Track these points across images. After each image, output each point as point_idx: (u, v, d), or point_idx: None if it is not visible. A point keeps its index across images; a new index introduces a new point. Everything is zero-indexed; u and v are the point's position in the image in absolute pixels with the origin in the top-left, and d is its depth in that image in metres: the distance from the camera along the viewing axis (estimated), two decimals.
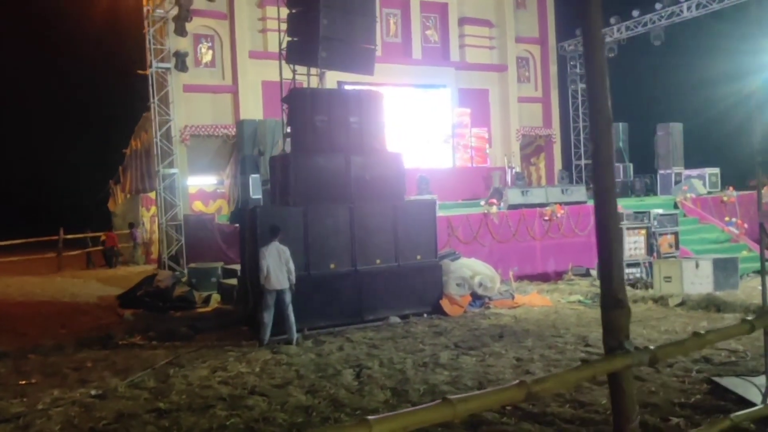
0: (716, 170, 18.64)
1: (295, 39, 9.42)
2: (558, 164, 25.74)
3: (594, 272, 11.47)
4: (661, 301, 9.64)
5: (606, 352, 2.80)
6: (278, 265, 8.07)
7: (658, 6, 21.55)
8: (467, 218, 12.32)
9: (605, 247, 2.82)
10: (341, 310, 9.18)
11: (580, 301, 10.34)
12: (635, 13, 22.30)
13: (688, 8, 20.75)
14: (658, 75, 23.72)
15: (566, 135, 25.98)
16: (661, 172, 19.97)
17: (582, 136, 25.66)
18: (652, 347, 3.02)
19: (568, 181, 20.72)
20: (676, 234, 11.47)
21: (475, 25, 23.62)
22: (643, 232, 11.11)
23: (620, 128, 22.51)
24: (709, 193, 17.03)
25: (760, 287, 11.09)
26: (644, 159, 21.77)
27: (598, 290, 9.32)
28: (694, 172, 18.85)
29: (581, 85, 25.48)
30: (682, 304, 9.27)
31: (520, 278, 12.18)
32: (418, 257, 9.88)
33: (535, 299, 10.59)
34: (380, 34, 21.61)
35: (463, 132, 22.28)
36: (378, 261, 9.49)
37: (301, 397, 5.98)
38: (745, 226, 13.75)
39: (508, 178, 21.81)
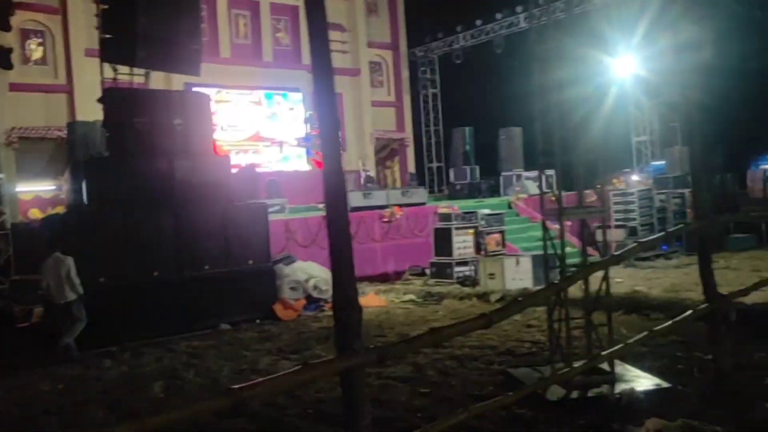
0: (551, 172, 19.82)
1: (111, 36, 8.99)
2: (411, 167, 26.41)
3: (428, 271, 11.84)
4: (484, 297, 10.10)
5: (336, 352, 2.84)
6: (57, 278, 7.68)
7: (498, 16, 22.69)
8: (306, 221, 12.31)
9: (336, 247, 2.86)
10: (166, 319, 8.83)
11: (412, 301, 10.62)
12: (478, 22, 23.35)
13: (525, 19, 21.99)
14: (500, 81, 24.88)
15: (419, 138, 26.71)
16: (504, 173, 20.97)
17: (433, 139, 26.48)
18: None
19: (417, 184, 21.27)
20: (502, 232, 12.08)
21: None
22: (472, 231, 11.62)
23: (467, 132, 23.49)
24: (545, 193, 18.11)
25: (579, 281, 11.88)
26: (491, 161, 22.80)
27: (430, 288, 9.60)
28: (533, 173, 19.98)
29: (432, 90, 26.30)
30: (501, 299, 9.76)
31: (359, 279, 12.27)
32: (251, 262, 9.74)
33: (370, 300, 10.73)
34: (229, 36, 21.24)
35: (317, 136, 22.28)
36: (207, 267, 9.25)
37: (98, 414, 5.67)
38: (569, 223, 14.68)
39: (362, 182, 22.14)
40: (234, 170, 19.01)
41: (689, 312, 5.59)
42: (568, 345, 5.75)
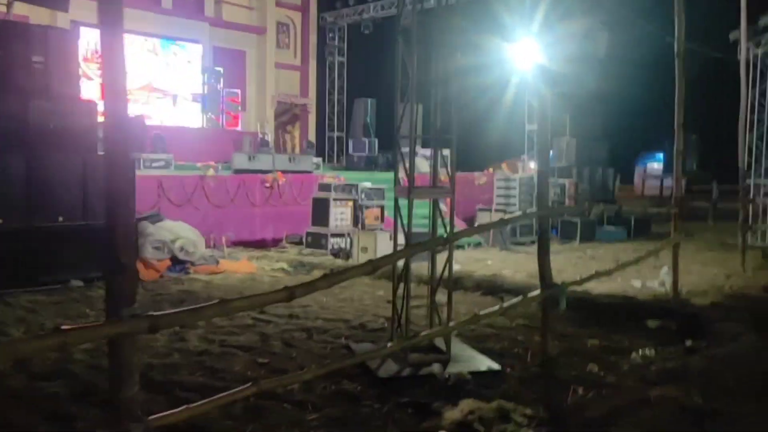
0: (446, 151, 20.03)
1: None
2: (312, 134, 26.09)
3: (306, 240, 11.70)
4: None
5: (106, 318, 2.65)
6: None
7: None
8: (181, 180, 11.86)
9: (111, 207, 2.64)
10: (11, 271, 8.27)
11: (282, 269, 10.47)
12: None
13: None
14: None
15: (322, 106, 26.37)
16: (404, 149, 20.97)
17: (336, 108, 26.20)
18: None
19: (314, 152, 21.03)
20: (381, 207, 12.09)
21: None
22: (350, 204, 11.55)
23: (368, 104, 23.36)
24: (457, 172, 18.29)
25: (458, 261, 12.03)
26: (391, 135, 22.76)
27: (303, 258, 9.42)
28: (428, 151, 20.10)
29: (339, 58, 25.94)
30: (370, 273, 9.75)
31: (235, 244, 12.04)
32: None
33: (240, 266, 10.51)
34: None
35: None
36: (61, 218, 8.70)
37: None
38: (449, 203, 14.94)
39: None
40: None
41: (520, 297, 5.72)
42: (407, 322, 5.78)
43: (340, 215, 11.38)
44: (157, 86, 20.56)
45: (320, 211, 11.49)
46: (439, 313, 6.02)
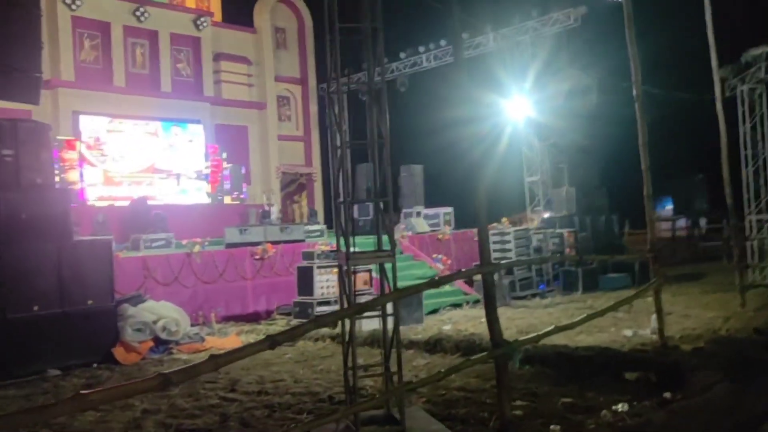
0: (450, 209, 19.94)
1: None
2: (319, 202, 26.27)
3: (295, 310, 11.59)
4: (337, 338, 9.89)
5: None
6: None
7: (402, 55, 23.00)
8: (167, 259, 11.90)
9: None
10: None
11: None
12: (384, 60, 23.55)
13: (427, 59, 22.38)
14: (404, 119, 25.15)
15: (327, 173, 26.60)
16: (405, 210, 20.99)
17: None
18: None
19: (316, 220, 21.10)
20: (370, 271, 11.96)
21: (231, 62, 23.51)
22: (336, 270, 11.43)
23: (369, 168, 23.52)
24: (433, 231, 18.15)
25: (454, 320, 11.81)
26: (394, 199, 22.85)
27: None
28: (431, 211, 20.05)
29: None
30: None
31: (226, 319, 11.96)
32: (90, 302, 9.26)
33: (226, 342, 10.38)
34: (125, 65, 20.76)
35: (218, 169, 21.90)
36: (36, 307, 8.73)
37: None
38: (449, 262, 14.80)
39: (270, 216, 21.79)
40: (125, 202, 18.75)
41: (474, 357, 5.52)
42: (355, 391, 5.59)
43: (325, 282, 11.27)
44: (159, 167, 20.93)
45: (304, 279, 11.40)
46: (388, 380, 5.80)
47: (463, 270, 11.10)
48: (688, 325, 9.80)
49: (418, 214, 19.18)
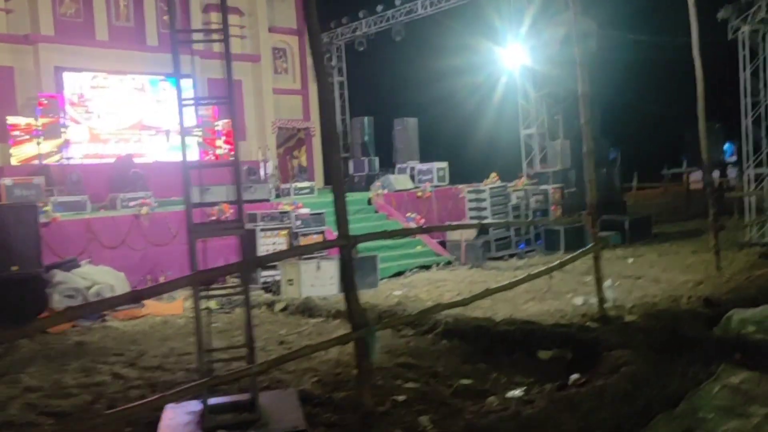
0: (444, 164, 19.15)
1: None
2: (317, 157, 25.65)
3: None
4: (272, 306, 9.44)
5: None
6: None
7: (397, 2, 21.92)
8: (114, 220, 11.50)
9: None
10: None
11: (209, 309, 9.87)
12: (379, 8, 22.54)
13: (423, 6, 21.27)
14: (399, 70, 24.24)
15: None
16: (399, 166, 20.28)
17: (340, 129, 25.69)
18: None
19: (305, 177, 20.55)
20: (323, 233, 11.41)
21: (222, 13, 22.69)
22: (284, 233, 10.93)
23: (365, 122, 22.77)
24: (436, 187, 17.46)
25: (413, 284, 11.24)
26: (389, 153, 22.16)
27: (238, 294, 8.77)
28: (425, 166, 19.29)
29: (337, 78, 25.49)
30: (285, 309, 9.10)
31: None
32: (14, 268, 8.92)
33: (166, 308, 10.02)
34: (107, 18, 20.18)
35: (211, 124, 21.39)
36: None
37: None
38: (422, 221, 14.13)
39: (262, 173, 21.30)
40: (111, 160, 18.43)
41: (332, 338, 4.96)
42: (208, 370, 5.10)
43: (271, 246, 10.77)
44: (148, 123, 20.49)
45: (249, 243, 10.91)
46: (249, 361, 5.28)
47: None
48: (651, 292, 9.07)
49: (401, 170, 18.47)
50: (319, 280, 9.85)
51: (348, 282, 4.82)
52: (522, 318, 7.76)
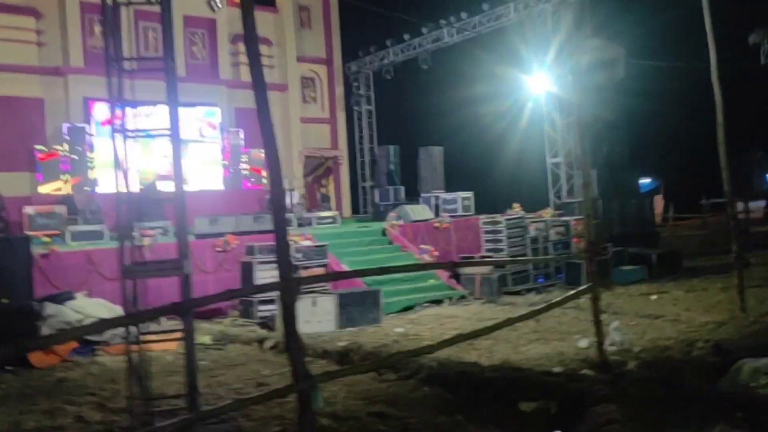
0: (470, 194, 18.67)
1: None
2: (345, 186, 25.48)
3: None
4: (263, 342, 9.08)
5: None
6: None
7: (424, 30, 21.73)
8: (114, 253, 11.32)
9: None
10: None
11: (203, 344, 9.60)
12: (407, 36, 22.39)
13: (449, 34, 21.02)
14: (425, 98, 23.96)
15: (353, 156, 25.80)
16: (424, 195, 19.88)
17: (367, 157, 25.51)
18: None
19: (328, 206, 20.31)
20: (325, 266, 11.05)
21: None
22: None
23: (391, 150, 22.50)
24: (462, 216, 17.01)
25: (419, 321, 10.78)
26: (414, 182, 21.81)
27: (229, 329, 8.52)
28: (449, 195, 18.84)
29: (366, 106, 25.36)
30: (275, 347, 8.73)
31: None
32: (5, 301, 8.80)
33: (159, 343, 9.73)
34: (136, 49, 20.48)
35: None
36: None
37: None
38: (436, 253, 13.65)
39: (288, 201, 21.18)
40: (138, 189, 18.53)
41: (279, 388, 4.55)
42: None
43: (270, 279, 10.42)
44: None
45: (247, 276, 10.62)
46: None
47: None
48: (666, 334, 8.41)
49: (426, 200, 18.05)
50: (315, 316, 9.48)
51: (290, 330, 4.43)
52: (517, 361, 7.25)
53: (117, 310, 9.95)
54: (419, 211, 15.61)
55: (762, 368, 5.83)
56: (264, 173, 22.44)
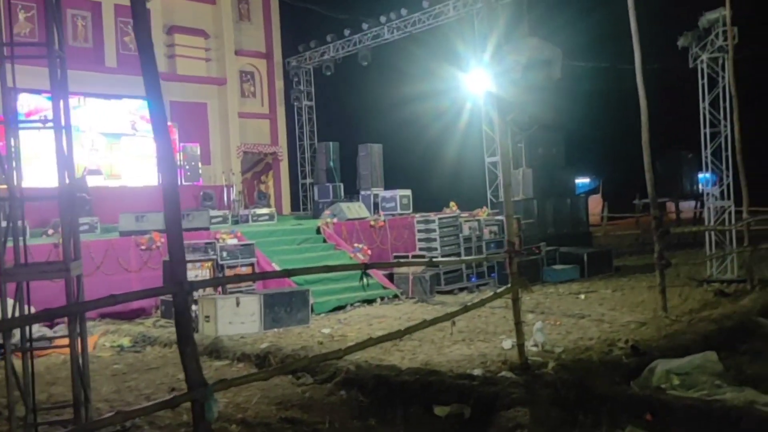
0: (408, 192, 18.57)
1: None
2: (285, 182, 25.11)
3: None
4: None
5: None
6: None
7: (364, 26, 21.53)
8: (29, 250, 10.77)
9: None
10: None
11: (120, 346, 9.21)
12: (347, 32, 22.15)
13: (389, 30, 20.88)
14: (365, 95, 23.81)
15: (293, 153, 25.43)
16: (363, 192, 19.71)
17: (307, 154, 25.20)
18: None
19: (265, 203, 19.94)
20: (252, 266, 10.78)
21: (186, 35, 22.30)
22: (208, 264, 10.31)
23: (330, 147, 22.24)
24: (400, 215, 16.89)
25: (348, 321, 10.57)
26: (353, 179, 21.62)
27: (149, 331, 8.06)
28: (388, 193, 18.71)
29: (306, 102, 25.02)
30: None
31: (103, 316, 10.90)
32: None
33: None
34: (63, 38, 19.69)
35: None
36: None
37: None
38: (369, 252, 13.51)
39: (225, 198, 20.71)
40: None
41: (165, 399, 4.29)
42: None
43: (193, 279, 10.10)
44: (106, 146, 19.93)
45: (169, 275, 10.23)
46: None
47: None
48: (589, 334, 8.47)
49: (365, 198, 17.93)
50: (238, 316, 9.19)
51: (183, 335, 4.18)
52: (439, 363, 7.16)
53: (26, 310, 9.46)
54: (355, 209, 15.42)
55: (674, 369, 5.87)
56: (201, 168, 21.96)
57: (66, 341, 4.81)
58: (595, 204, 28.85)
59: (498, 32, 17.86)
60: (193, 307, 10.00)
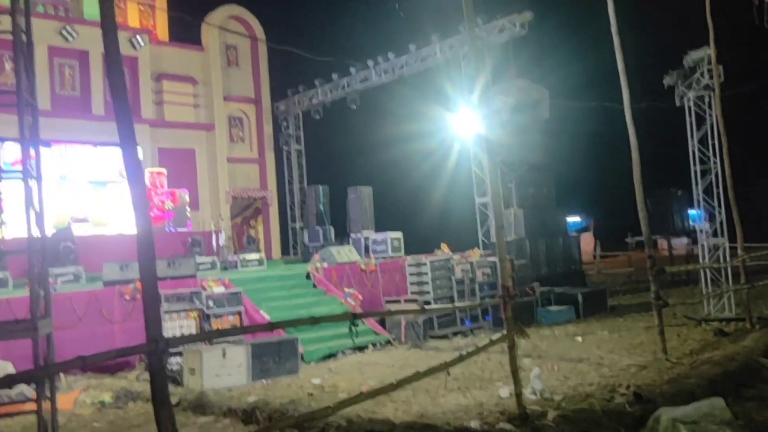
0: (399, 234, 18.38)
1: None
2: (275, 227, 24.88)
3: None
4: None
5: None
6: None
7: (353, 70, 21.63)
8: (7, 302, 10.49)
9: None
10: None
11: (102, 402, 8.84)
12: (335, 76, 22.24)
13: (377, 73, 20.96)
14: (354, 138, 23.81)
15: (282, 197, 25.27)
16: (353, 236, 19.52)
17: (297, 198, 25.04)
18: None
19: (254, 248, 19.66)
20: (239, 314, 10.49)
21: (175, 81, 22.31)
22: (194, 314, 10.01)
23: (320, 190, 22.15)
24: (391, 257, 16.65)
25: (339, 369, 10.23)
26: (342, 223, 21.45)
27: (137, 384, 7.72)
28: (380, 236, 18.51)
29: (295, 146, 24.98)
30: (177, 404, 8.07)
31: (85, 370, 10.51)
32: None
33: (59, 402, 8.91)
34: (51, 87, 19.64)
35: (160, 193, 20.60)
36: None
37: None
38: (360, 297, 13.23)
39: (214, 244, 20.42)
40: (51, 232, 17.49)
41: None
42: None
43: (179, 329, 9.81)
44: (93, 194, 19.70)
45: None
46: None
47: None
48: (588, 379, 8.19)
49: (356, 240, 17.73)
50: (225, 369, 8.85)
51: (159, 397, 3.92)
52: (434, 415, 6.85)
53: (7, 367, 9.15)
54: (345, 253, 15.18)
55: (680, 418, 5.61)
56: (189, 214, 21.73)
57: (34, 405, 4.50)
58: (587, 242, 28.80)
59: (485, 74, 17.94)
60: (178, 360, 9.68)
